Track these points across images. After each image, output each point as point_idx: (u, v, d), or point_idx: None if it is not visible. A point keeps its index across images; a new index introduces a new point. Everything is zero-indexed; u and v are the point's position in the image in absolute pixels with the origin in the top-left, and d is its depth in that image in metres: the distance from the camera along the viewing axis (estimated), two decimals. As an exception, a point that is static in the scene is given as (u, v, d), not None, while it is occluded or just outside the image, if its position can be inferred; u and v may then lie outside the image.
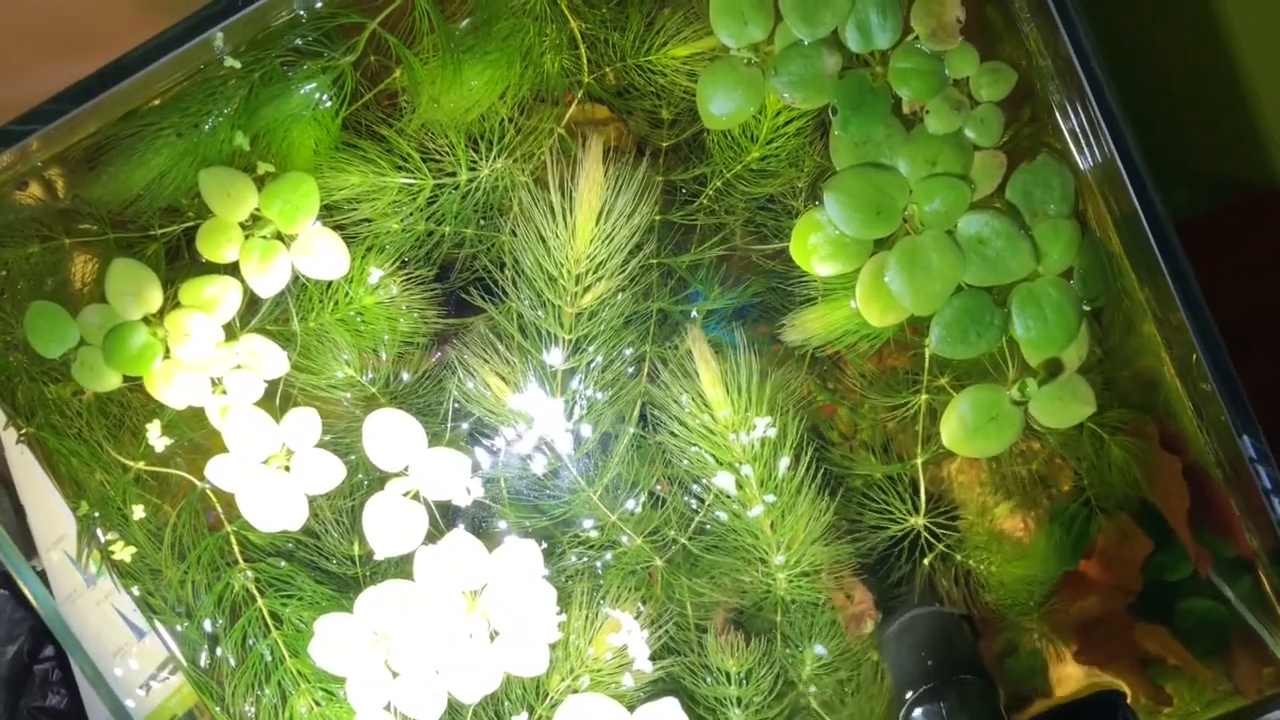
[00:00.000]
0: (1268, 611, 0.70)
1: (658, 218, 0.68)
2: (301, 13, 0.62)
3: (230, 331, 0.67)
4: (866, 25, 0.62)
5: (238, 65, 0.62)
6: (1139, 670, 0.73)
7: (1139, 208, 0.58)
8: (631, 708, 0.69)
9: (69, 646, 0.69)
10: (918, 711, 0.67)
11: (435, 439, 0.68)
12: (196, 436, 0.69)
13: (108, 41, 0.61)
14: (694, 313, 0.68)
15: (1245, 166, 0.85)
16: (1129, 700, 0.72)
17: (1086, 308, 0.65)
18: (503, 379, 0.68)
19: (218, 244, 0.65)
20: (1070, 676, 0.73)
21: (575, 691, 0.69)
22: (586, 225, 0.65)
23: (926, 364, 0.68)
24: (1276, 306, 0.84)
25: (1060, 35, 0.58)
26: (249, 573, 0.69)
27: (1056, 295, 0.64)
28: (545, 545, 0.69)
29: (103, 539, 0.69)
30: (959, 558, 0.71)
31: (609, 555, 0.70)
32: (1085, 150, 0.63)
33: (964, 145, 0.63)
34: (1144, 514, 0.71)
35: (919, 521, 0.70)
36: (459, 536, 0.67)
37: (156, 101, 0.64)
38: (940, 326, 0.64)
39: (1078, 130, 0.63)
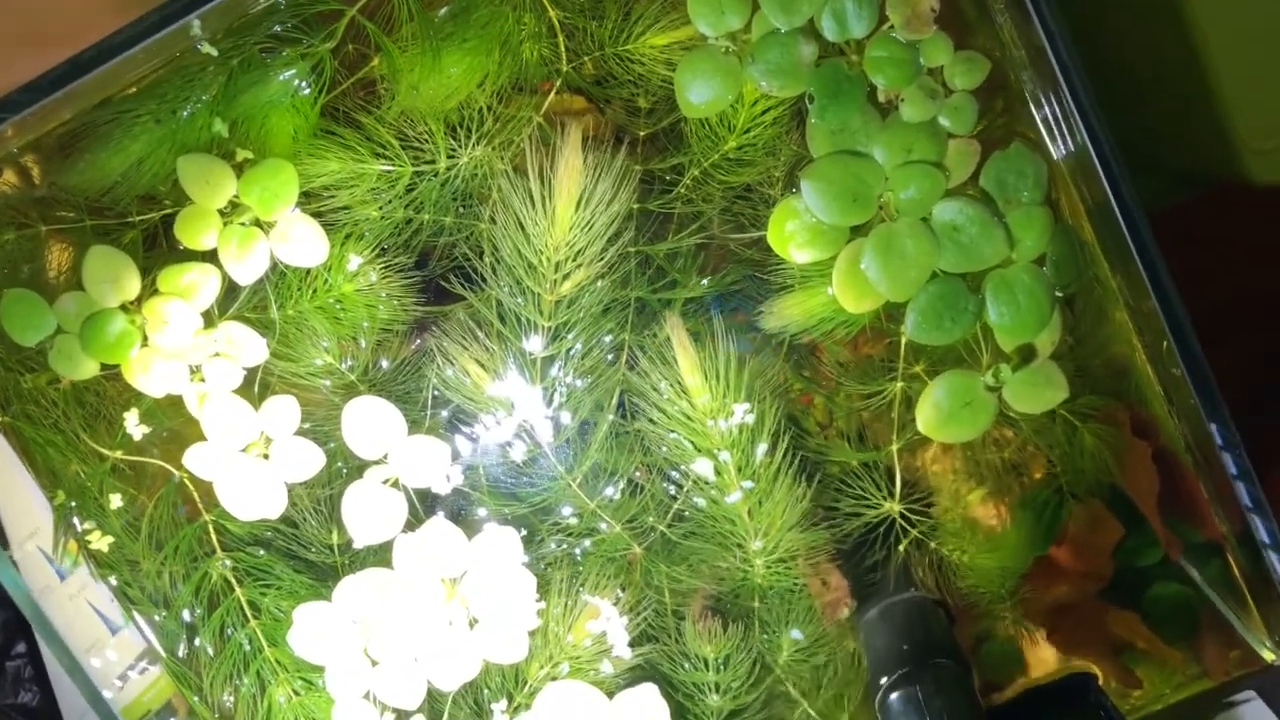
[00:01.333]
0: (1235, 595, 0.71)
1: (636, 206, 0.68)
2: (280, -1, 0.62)
3: (209, 319, 0.66)
4: (843, 14, 0.62)
5: (214, 52, 0.62)
6: (1110, 654, 0.74)
7: (1111, 195, 0.59)
8: (611, 694, 0.69)
9: (45, 636, 0.69)
10: (894, 696, 0.68)
11: (415, 426, 0.68)
12: (174, 425, 0.69)
13: (83, 39, 0.61)
14: (672, 300, 0.69)
15: (1212, 161, 0.86)
16: (1100, 682, 0.73)
17: (1059, 294, 0.66)
18: (482, 366, 0.68)
19: (196, 231, 0.65)
20: (1044, 660, 0.74)
21: (555, 679, 0.69)
22: (566, 212, 0.65)
23: (902, 351, 0.68)
24: (1243, 300, 0.85)
25: (1034, 25, 0.59)
26: (227, 562, 0.69)
27: (1029, 281, 0.64)
28: (525, 533, 0.69)
29: (80, 529, 0.69)
30: (933, 545, 0.71)
31: (588, 542, 0.70)
32: (1058, 139, 0.64)
33: (938, 133, 0.64)
34: (1115, 500, 0.72)
35: (894, 508, 0.70)
36: (438, 524, 0.67)
37: (134, 89, 0.63)
38: (915, 313, 0.65)
39: (1050, 119, 0.63)
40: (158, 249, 0.67)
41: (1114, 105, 0.80)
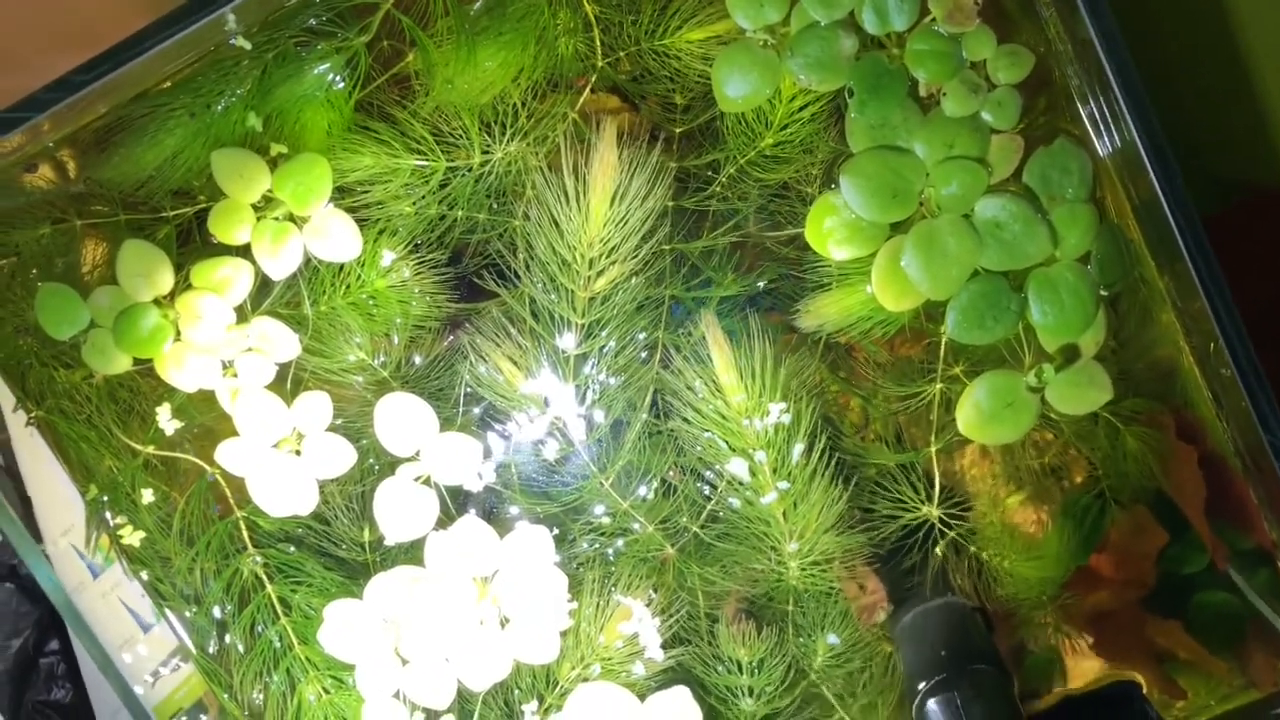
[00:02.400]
0: (1285, 603, 0.70)
1: (671, 203, 0.67)
2: (315, -8, 0.62)
3: (242, 314, 0.66)
4: (883, 7, 0.61)
5: (248, 46, 0.62)
6: (1153, 664, 0.72)
7: (1160, 191, 0.58)
8: (642, 697, 0.68)
9: (79, 632, 0.69)
10: (931, 702, 0.66)
11: (447, 424, 0.68)
12: (207, 420, 0.69)
13: (114, 36, 0.61)
14: (707, 299, 0.68)
15: (1254, 166, 0.85)
16: (1144, 692, 0.71)
17: (1104, 293, 0.65)
18: (515, 363, 0.67)
19: (230, 225, 0.65)
20: (1085, 669, 0.73)
21: (586, 680, 0.68)
22: (600, 209, 0.64)
23: (941, 352, 0.67)
24: (1280, 308, 0.84)
25: (1081, 18, 0.57)
26: (258, 558, 0.69)
27: (1074, 280, 0.63)
28: (556, 532, 0.69)
29: (112, 524, 0.69)
30: (972, 549, 0.70)
31: (620, 542, 0.70)
32: (1104, 135, 0.62)
33: (981, 128, 0.63)
34: (1159, 505, 0.70)
35: (932, 511, 0.69)
36: (470, 522, 0.67)
37: (169, 83, 0.63)
38: (956, 312, 0.64)
39: (1096, 115, 0.62)
40: (192, 243, 0.67)
41: (1155, 109, 0.79)
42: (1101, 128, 0.62)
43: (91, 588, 0.71)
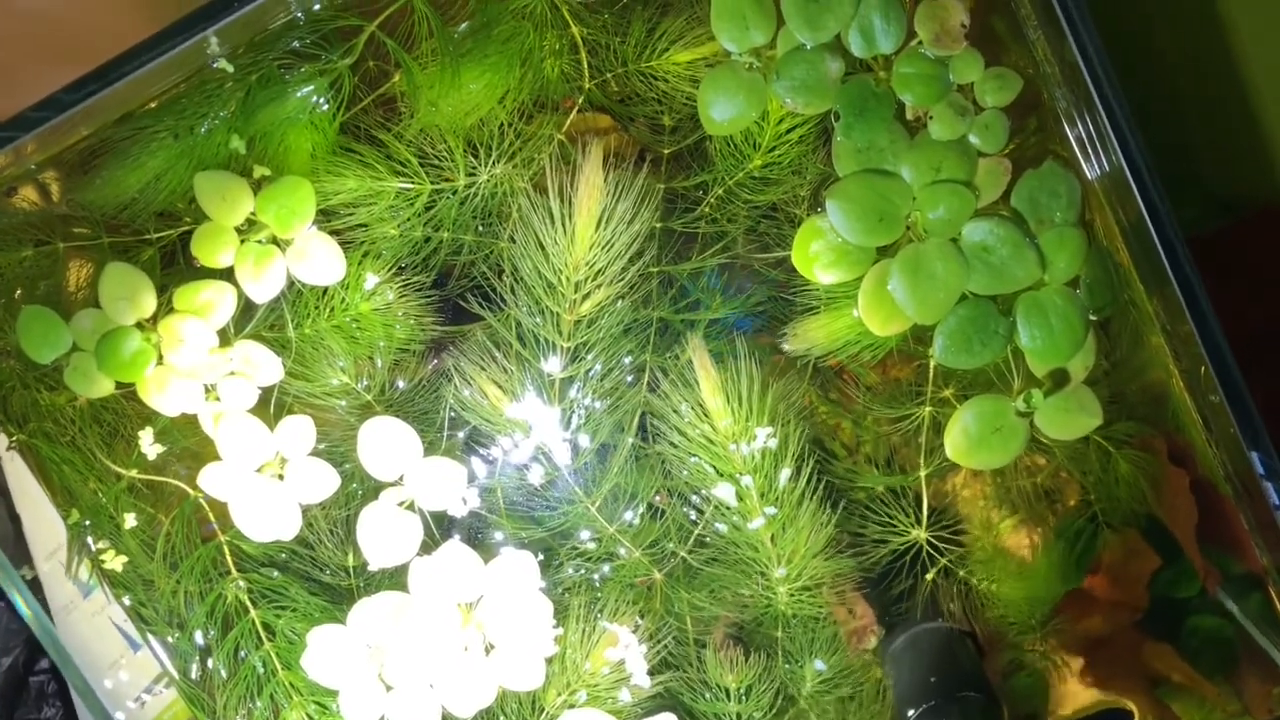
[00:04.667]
0: (1277, 629, 0.69)
1: (658, 225, 0.67)
2: (299, 15, 0.61)
3: (224, 338, 0.66)
4: (870, 30, 0.61)
5: (230, 68, 0.62)
6: (1145, 689, 0.72)
7: (1146, 216, 0.58)
8: (629, 723, 0.68)
9: (58, 658, 0.68)
10: (921, 729, 0.66)
11: (431, 448, 0.67)
12: (192, 444, 0.68)
13: (109, 51, 0.61)
14: (695, 321, 0.68)
15: (1253, 184, 0.85)
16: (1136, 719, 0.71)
17: (1093, 317, 0.64)
18: (500, 387, 0.67)
19: (213, 248, 0.64)
20: (1076, 695, 0.72)
21: (572, 707, 0.68)
22: (586, 231, 0.64)
23: (930, 375, 0.67)
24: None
25: (1067, 42, 0.57)
26: (241, 583, 0.68)
27: (1062, 304, 0.63)
28: (542, 557, 0.68)
29: (94, 548, 0.68)
30: (962, 573, 0.70)
31: (607, 568, 0.69)
32: (1092, 158, 0.62)
33: (968, 152, 0.62)
34: (1151, 529, 0.70)
35: (921, 535, 0.69)
36: (454, 548, 0.66)
37: (154, 104, 0.63)
38: (944, 336, 0.63)
39: (1085, 138, 0.62)
40: (175, 266, 0.66)
41: (1152, 128, 0.79)
42: (1090, 150, 0.62)
43: (81, 607, 0.71)
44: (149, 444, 0.67)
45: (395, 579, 0.68)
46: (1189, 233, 0.75)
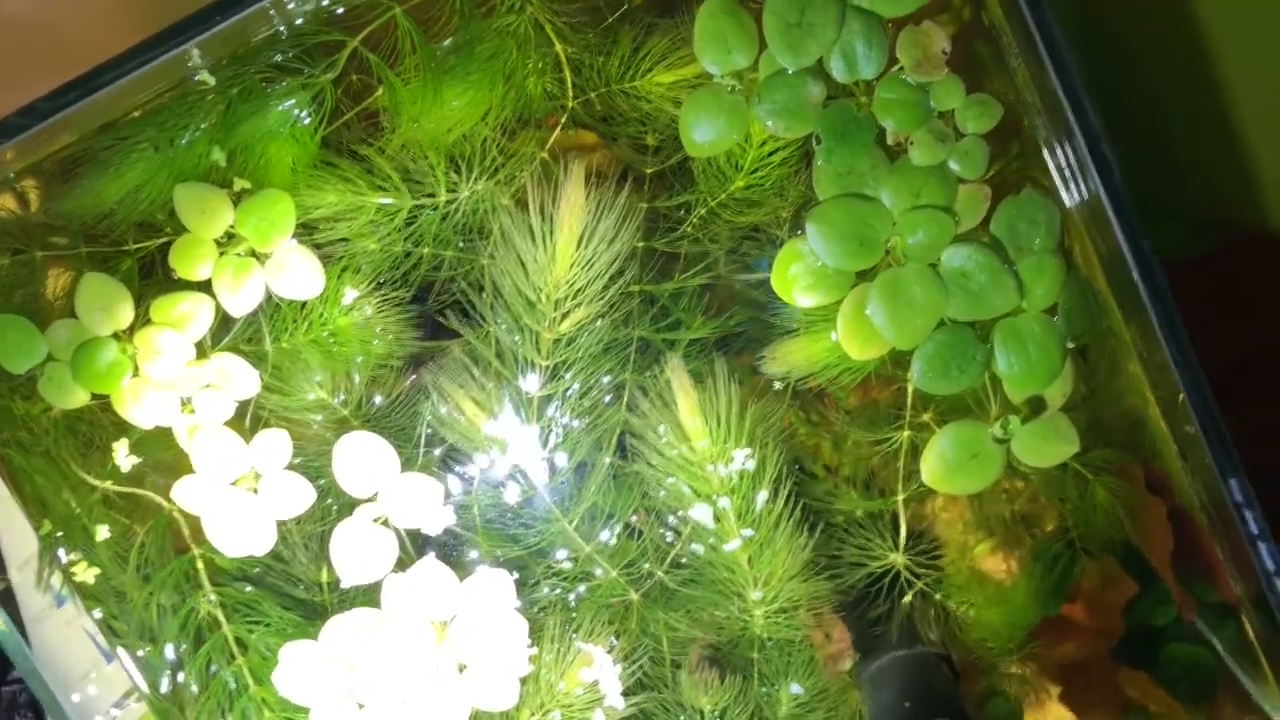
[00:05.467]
0: (1251, 659, 0.69)
1: (640, 244, 0.67)
2: (282, 29, 0.61)
3: (202, 350, 0.65)
4: (852, 55, 0.61)
5: (211, 81, 0.61)
6: (1121, 716, 0.71)
7: (1125, 246, 0.58)
8: (602, 744, 0.67)
9: (25, 671, 0.67)
10: (894, 754, 0.66)
11: (407, 464, 0.67)
12: (169, 456, 0.68)
13: (97, 60, 0.60)
14: (676, 341, 0.68)
15: (1238, 208, 0.85)
16: (1110, 747, 0.71)
17: (1071, 345, 0.64)
18: (477, 404, 0.67)
19: (191, 261, 0.64)
20: (1051, 721, 0.72)
21: (545, 726, 0.67)
22: (567, 250, 0.64)
23: (909, 398, 0.67)
24: (1270, 350, 0.83)
25: (1047, 70, 0.57)
26: (213, 597, 0.68)
27: (1040, 331, 0.63)
28: (517, 576, 0.68)
29: (65, 560, 0.68)
30: (938, 597, 0.69)
31: (583, 588, 0.69)
32: (1072, 186, 0.62)
33: (948, 178, 0.62)
34: (1128, 557, 0.70)
35: (899, 559, 0.69)
36: (429, 565, 0.66)
37: (135, 115, 0.63)
38: (922, 361, 0.63)
39: (1064, 166, 0.62)
40: (154, 277, 0.66)
41: (1138, 151, 0.79)
42: (1069, 178, 0.62)
43: (55, 616, 0.70)
44: (124, 456, 0.67)
45: (369, 596, 0.67)
46: (1174, 255, 0.75)
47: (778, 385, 0.68)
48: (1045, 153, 0.63)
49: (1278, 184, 0.83)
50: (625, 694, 0.68)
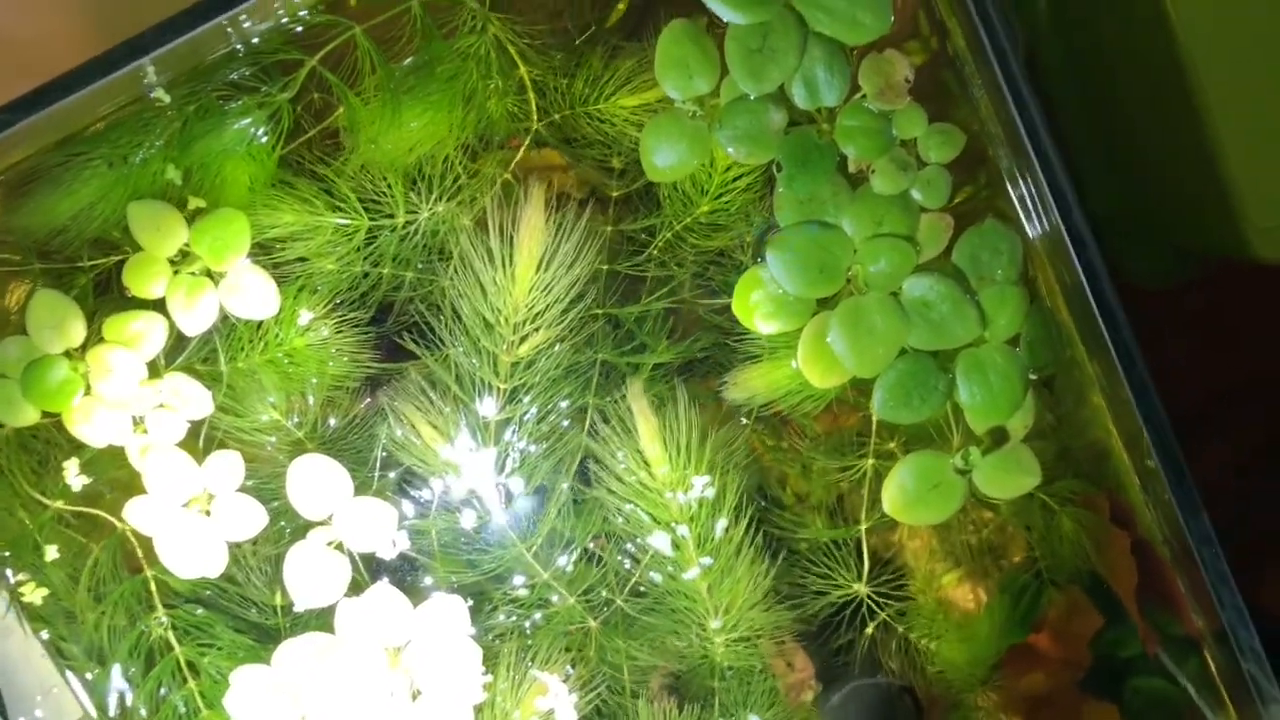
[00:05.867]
0: (1214, 694, 0.69)
1: (604, 267, 0.66)
2: (239, 47, 0.60)
3: (155, 369, 0.65)
4: (814, 82, 0.61)
5: (167, 99, 0.61)
6: (1086, 750, 0.71)
7: (1084, 281, 0.57)
8: (556, 774, 0.66)
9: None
10: (853, 788, 0.65)
11: (363, 488, 0.66)
12: (123, 475, 0.67)
13: (48, 69, 0.59)
14: (639, 365, 0.67)
15: (1219, 237, 0.85)
16: (1072, 782, 0.70)
17: (1033, 376, 0.64)
18: (434, 427, 0.66)
19: (144, 279, 0.63)
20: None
21: (499, 755, 0.66)
22: (526, 273, 0.63)
23: (874, 426, 0.66)
24: (1244, 380, 0.83)
25: (1007, 103, 0.57)
26: (164, 619, 0.67)
27: (1002, 362, 0.62)
28: (472, 602, 0.67)
29: (13, 580, 0.67)
30: (902, 629, 0.69)
31: (539, 615, 0.68)
32: (1035, 218, 0.62)
33: (910, 207, 0.62)
34: (1095, 587, 0.69)
35: (862, 589, 0.68)
36: (382, 590, 0.65)
37: (89, 131, 0.62)
38: (883, 390, 0.63)
39: (1027, 197, 0.62)
40: (110, 294, 0.65)
41: (1118, 179, 0.79)
42: (1032, 210, 0.62)
43: (16, 631, 0.69)
44: (74, 475, 0.66)
45: (322, 620, 0.67)
46: (1150, 283, 0.74)
47: (742, 415, 0.68)
48: (1008, 183, 0.63)
49: (1257, 213, 0.82)
50: (582, 722, 0.68)
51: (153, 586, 0.67)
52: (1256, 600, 0.63)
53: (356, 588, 0.66)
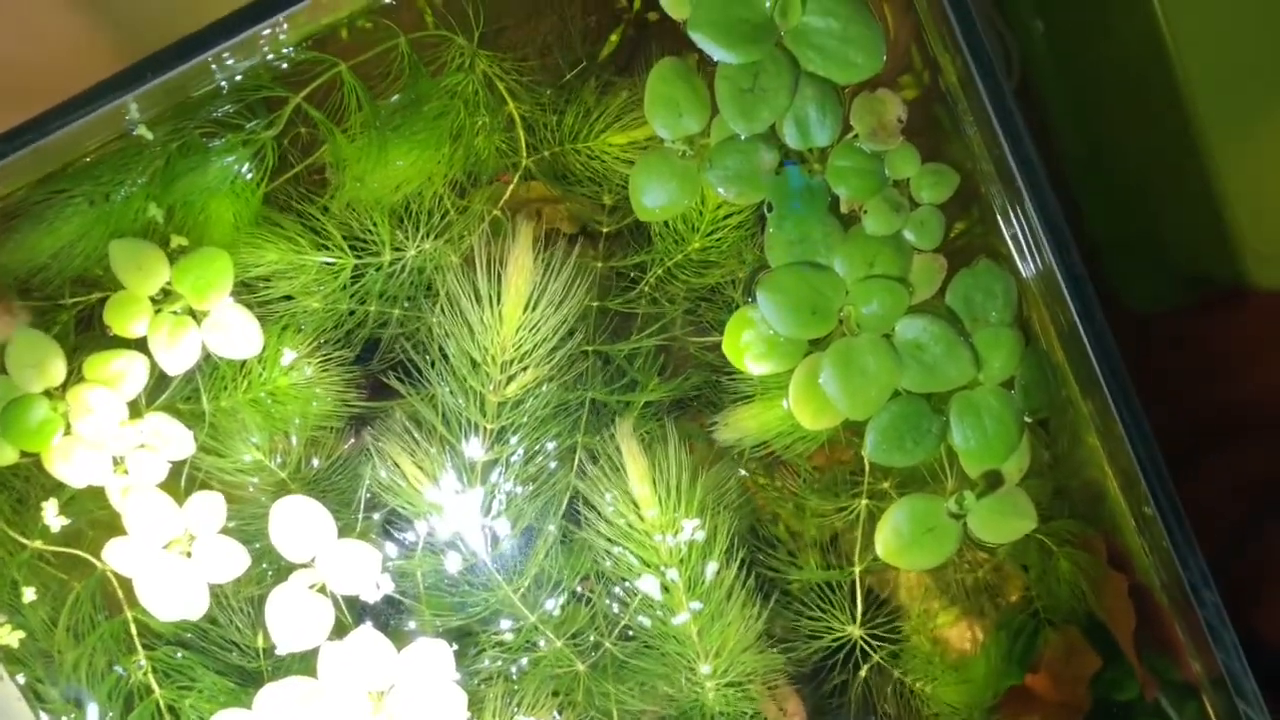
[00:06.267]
0: (1214, 740, 0.68)
1: (595, 304, 0.65)
2: (222, 83, 0.60)
3: (136, 409, 0.64)
4: (805, 122, 0.60)
5: (150, 136, 0.60)
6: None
7: (1080, 325, 0.56)
8: (543, 823, 0.65)
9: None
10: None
11: (347, 529, 0.65)
12: (104, 515, 0.66)
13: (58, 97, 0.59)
14: (630, 403, 0.66)
15: (1217, 263, 0.84)
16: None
17: (1028, 419, 0.63)
18: (420, 468, 0.65)
19: (126, 317, 0.62)
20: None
21: (484, 803, 0.65)
22: (514, 312, 0.62)
23: (867, 466, 0.65)
24: (1247, 404, 0.82)
25: (999, 140, 0.56)
26: (142, 662, 0.65)
27: (997, 405, 0.61)
28: (458, 646, 0.66)
29: (-11, 623, 0.66)
30: (897, 673, 0.68)
31: (525, 659, 0.67)
32: (1028, 257, 0.61)
33: (903, 247, 0.61)
34: (1093, 629, 0.68)
35: (856, 631, 0.67)
36: (365, 634, 0.64)
37: (71, 169, 0.61)
38: (876, 432, 0.62)
39: (1020, 237, 0.61)
40: (91, 331, 0.64)
41: (1116, 205, 0.78)
42: (1025, 250, 0.61)
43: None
44: (53, 515, 0.65)
45: (305, 663, 0.65)
46: (1149, 308, 0.73)
47: (734, 454, 0.67)
48: (1001, 220, 0.62)
49: (1256, 240, 0.82)
50: (570, 768, 0.66)
51: (133, 628, 0.66)
52: (1254, 630, 0.62)
53: (340, 630, 0.65)
